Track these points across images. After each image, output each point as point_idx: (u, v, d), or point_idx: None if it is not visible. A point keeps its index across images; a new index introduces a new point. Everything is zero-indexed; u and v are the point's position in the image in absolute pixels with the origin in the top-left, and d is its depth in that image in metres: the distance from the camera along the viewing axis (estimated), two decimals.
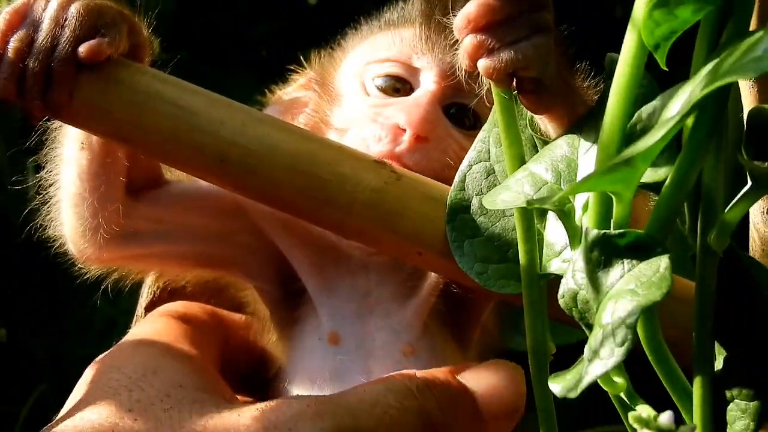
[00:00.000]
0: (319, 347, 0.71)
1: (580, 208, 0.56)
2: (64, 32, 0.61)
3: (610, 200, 0.52)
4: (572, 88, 0.63)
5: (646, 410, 0.50)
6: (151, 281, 0.76)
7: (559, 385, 0.50)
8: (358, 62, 0.77)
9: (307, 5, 1.42)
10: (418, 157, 0.69)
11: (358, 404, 0.61)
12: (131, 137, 0.63)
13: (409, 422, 0.61)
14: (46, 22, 0.61)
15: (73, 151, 0.68)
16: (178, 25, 1.41)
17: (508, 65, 0.58)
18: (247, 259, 0.74)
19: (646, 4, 0.48)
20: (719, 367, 0.55)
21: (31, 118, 0.63)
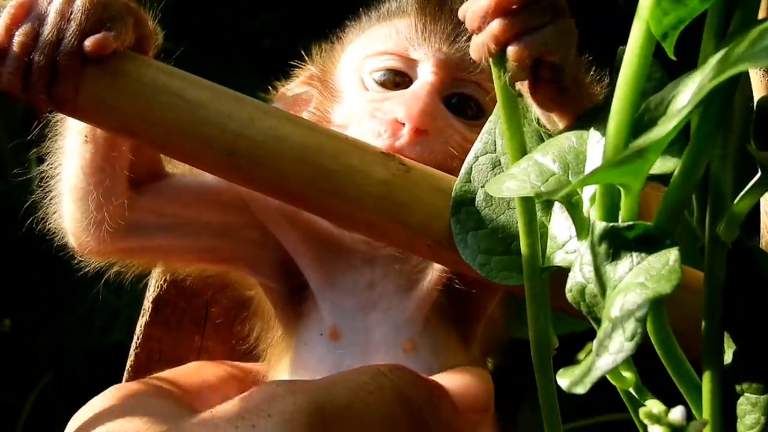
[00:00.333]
0: (320, 342, 0.71)
1: (587, 199, 0.55)
2: (69, 26, 0.60)
3: (617, 192, 0.52)
4: (582, 82, 0.63)
5: (656, 405, 0.50)
6: (157, 275, 0.75)
7: (566, 379, 0.50)
8: (355, 57, 0.76)
9: None
10: (419, 150, 0.69)
11: (332, 383, 0.61)
12: (138, 131, 0.63)
13: (385, 398, 0.61)
14: (51, 15, 0.61)
15: (76, 144, 0.67)
16: (180, 15, 1.40)
17: (537, 49, 0.57)
18: (250, 253, 0.74)
19: None
20: (729, 360, 0.54)
21: (36, 111, 0.63)
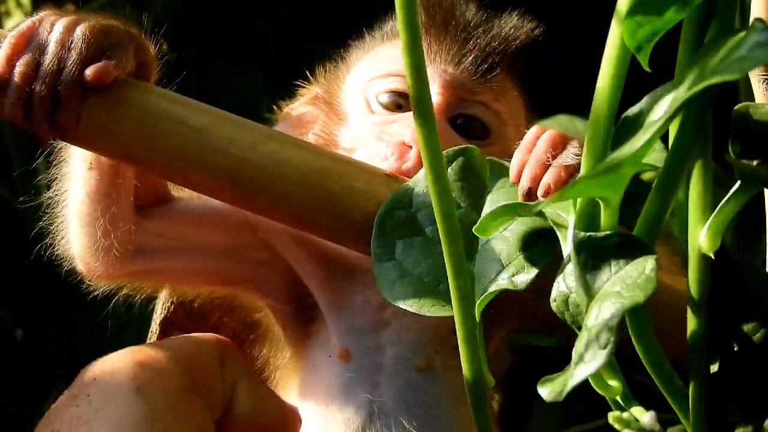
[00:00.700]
0: (329, 364, 0.71)
1: (570, 211, 0.55)
2: (70, 55, 0.60)
3: (598, 204, 0.52)
4: None
5: (641, 414, 0.50)
6: (165, 297, 0.76)
7: (546, 389, 0.50)
8: (360, 78, 0.76)
9: (314, 0, 1.41)
10: None
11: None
12: (140, 158, 0.63)
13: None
14: (51, 45, 0.60)
15: (81, 171, 0.67)
16: (183, 20, 1.40)
17: None
18: (258, 274, 0.74)
19: (627, 4, 0.47)
20: (716, 369, 0.54)
21: (38, 140, 0.63)
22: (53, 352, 1.36)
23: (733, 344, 0.53)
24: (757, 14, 0.63)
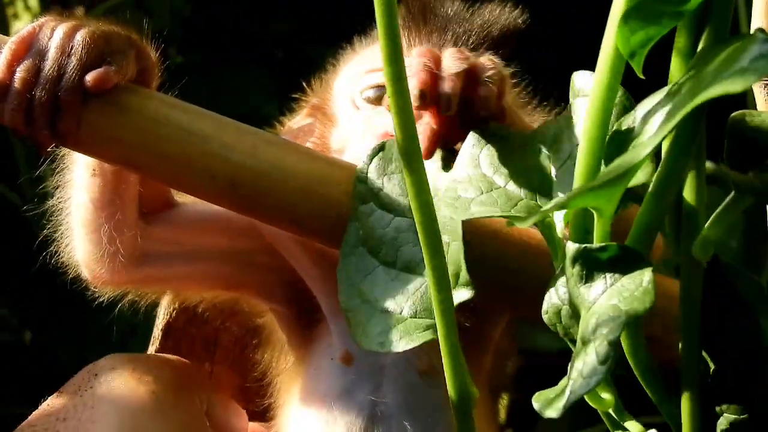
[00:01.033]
0: (331, 367, 0.71)
1: (560, 221, 0.54)
2: (70, 61, 0.60)
3: (590, 214, 0.51)
4: None
5: (634, 427, 0.49)
6: (167, 303, 0.76)
7: (540, 403, 0.49)
8: (346, 80, 0.76)
9: (322, 4, 1.41)
10: None
11: None
12: (141, 164, 0.63)
13: None
14: (52, 51, 0.60)
15: (84, 177, 0.67)
16: (190, 24, 1.40)
17: None
18: (262, 278, 0.74)
19: (620, 10, 0.46)
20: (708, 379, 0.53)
21: (39, 146, 0.63)
22: (61, 355, 1.37)
23: (725, 352, 0.52)
24: (757, 21, 0.62)
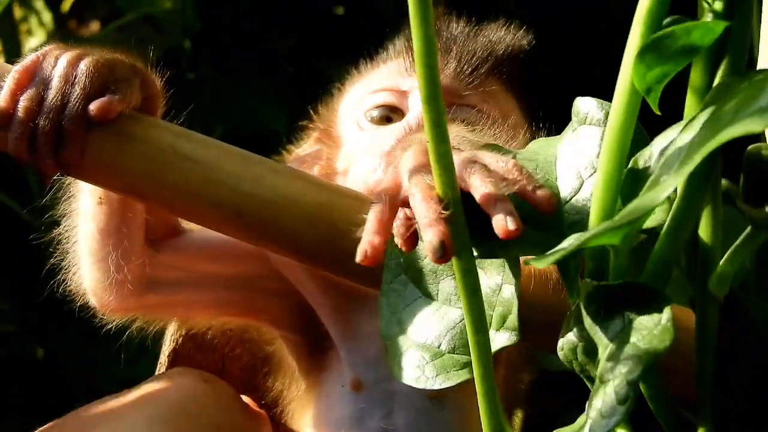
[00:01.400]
0: (341, 394, 0.70)
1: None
2: (74, 90, 0.60)
3: (606, 251, 0.50)
4: None
5: None
6: (173, 329, 0.75)
7: None
8: (351, 102, 0.76)
9: (331, 19, 1.41)
10: None
11: None
12: (145, 192, 0.62)
13: None
14: (55, 80, 0.60)
15: (91, 206, 0.67)
16: (201, 40, 1.40)
17: None
18: (271, 305, 0.74)
19: (636, 47, 0.45)
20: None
21: (43, 175, 0.62)
22: (73, 372, 1.37)
23: (741, 386, 0.51)
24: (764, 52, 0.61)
